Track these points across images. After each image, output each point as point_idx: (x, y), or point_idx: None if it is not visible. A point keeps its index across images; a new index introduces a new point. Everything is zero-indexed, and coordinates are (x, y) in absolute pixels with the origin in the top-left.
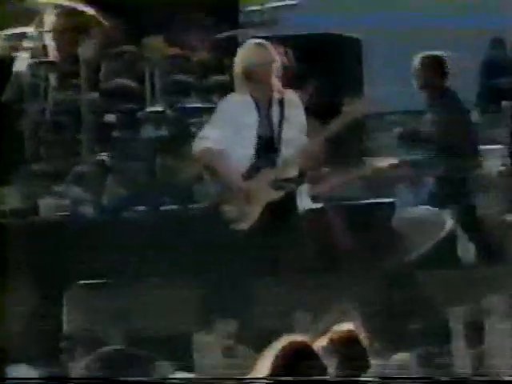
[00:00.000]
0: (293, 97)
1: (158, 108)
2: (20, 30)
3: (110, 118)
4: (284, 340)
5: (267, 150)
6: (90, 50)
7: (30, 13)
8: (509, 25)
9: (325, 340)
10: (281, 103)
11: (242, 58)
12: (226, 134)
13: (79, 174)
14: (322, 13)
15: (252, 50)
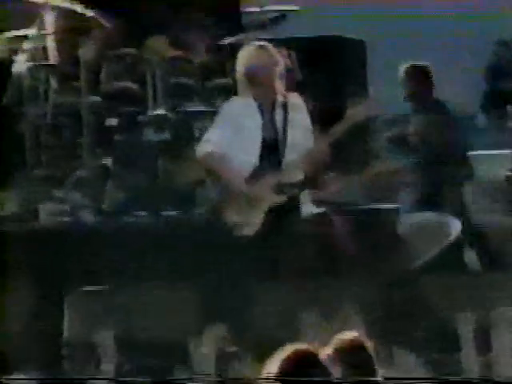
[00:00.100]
0: (297, 100)
1: (160, 111)
2: (20, 32)
3: (111, 121)
4: (288, 348)
5: (271, 153)
6: (90, 52)
7: (29, 14)
8: None
9: (330, 348)
10: (284, 106)
11: (244, 61)
12: (229, 137)
13: (79, 179)
14: (324, 17)
15: (254, 53)
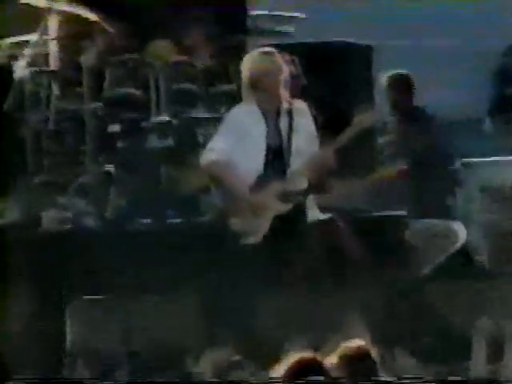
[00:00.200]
0: (301, 107)
1: (164, 117)
2: (22, 37)
3: (114, 127)
4: (293, 356)
5: (275, 161)
6: (92, 57)
7: (32, 19)
8: None
9: (335, 356)
10: (289, 113)
11: (248, 67)
12: (234, 145)
13: (82, 186)
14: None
15: (258, 59)
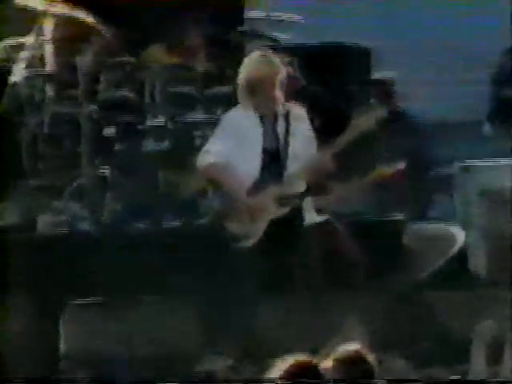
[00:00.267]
0: (298, 110)
1: (160, 120)
2: (18, 40)
3: (110, 130)
4: (289, 360)
5: (272, 164)
6: (88, 60)
7: (27, 22)
8: None
9: (331, 360)
10: (286, 117)
11: (244, 70)
12: (230, 148)
13: (78, 189)
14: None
15: (255, 63)
